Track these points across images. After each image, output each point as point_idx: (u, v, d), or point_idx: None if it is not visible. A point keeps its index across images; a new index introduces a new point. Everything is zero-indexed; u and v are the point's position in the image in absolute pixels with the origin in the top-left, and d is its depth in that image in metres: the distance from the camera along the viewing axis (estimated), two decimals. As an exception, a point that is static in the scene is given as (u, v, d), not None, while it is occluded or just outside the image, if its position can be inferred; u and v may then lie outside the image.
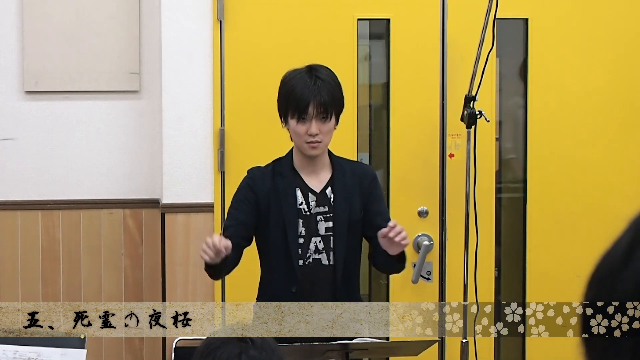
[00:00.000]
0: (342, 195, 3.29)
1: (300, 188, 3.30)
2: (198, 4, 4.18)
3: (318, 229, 3.28)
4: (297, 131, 3.23)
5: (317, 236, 3.28)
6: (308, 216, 3.27)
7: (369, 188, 3.33)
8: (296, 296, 3.21)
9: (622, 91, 4.32)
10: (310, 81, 3.21)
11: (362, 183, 3.33)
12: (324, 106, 3.20)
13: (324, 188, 3.31)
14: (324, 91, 3.21)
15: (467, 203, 3.86)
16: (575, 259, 4.23)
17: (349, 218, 3.29)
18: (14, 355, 2.63)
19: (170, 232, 4.21)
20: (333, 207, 3.29)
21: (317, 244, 3.28)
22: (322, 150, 3.28)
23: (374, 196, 3.34)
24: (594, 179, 4.31)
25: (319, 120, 3.21)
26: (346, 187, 3.30)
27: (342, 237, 3.28)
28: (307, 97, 3.19)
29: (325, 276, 3.27)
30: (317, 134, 3.21)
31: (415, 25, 4.24)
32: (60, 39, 4.30)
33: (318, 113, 3.20)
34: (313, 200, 3.29)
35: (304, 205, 3.28)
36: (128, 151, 4.36)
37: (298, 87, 3.22)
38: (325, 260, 3.28)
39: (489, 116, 3.94)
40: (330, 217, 3.29)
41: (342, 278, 3.27)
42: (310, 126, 3.20)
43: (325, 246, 3.28)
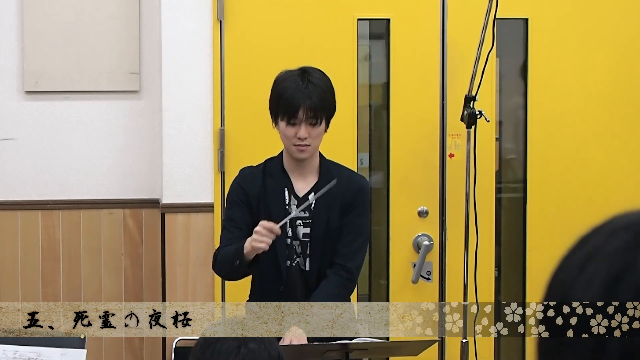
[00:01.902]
0: (323, 202, 3.25)
1: (288, 189, 3.29)
2: (198, 4, 4.18)
3: (297, 233, 3.27)
4: (286, 134, 3.22)
5: (296, 240, 3.28)
6: (292, 219, 3.26)
7: (352, 198, 3.28)
8: (283, 295, 3.21)
9: (622, 91, 4.32)
10: (302, 84, 3.19)
11: (345, 192, 3.27)
12: (314, 110, 3.18)
13: (307, 193, 3.29)
14: (314, 95, 3.18)
15: (467, 203, 3.86)
16: (575, 259, 4.23)
17: (326, 226, 3.26)
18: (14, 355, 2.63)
19: (170, 232, 4.21)
20: (312, 213, 3.27)
21: (296, 248, 3.28)
22: (310, 154, 3.26)
23: (354, 206, 3.28)
24: (594, 179, 4.31)
25: (308, 125, 3.19)
26: (328, 195, 3.23)
27: (319, 244, 3.26)
28: (297, 100, 3.18)
29: (304, 281, 3.28)
30: (305, 137, 3.20)
31: (415, 25, 4.24)
32: (60, 39, 4.30)
33: (308, 117, 3.18)
34: (294, 204, 3.28)
35: (289, 207, 3.28)
36: (128, 151, 4.36)
37: (289, 90, 3.20)
38: (302, 265, 3.28)
39: (489, 116, 3.94)
40: (308, 222, 3.27)
41: (315, 284, 3.26)
42: (299, 130, 3.19)
43: (303, 251, 3.28)
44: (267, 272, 3.29)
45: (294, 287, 3.27)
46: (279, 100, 3.22)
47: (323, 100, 3.21)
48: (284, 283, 3.26)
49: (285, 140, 3.25)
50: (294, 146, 3.22)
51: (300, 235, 3.27)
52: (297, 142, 3.21)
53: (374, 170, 4.32)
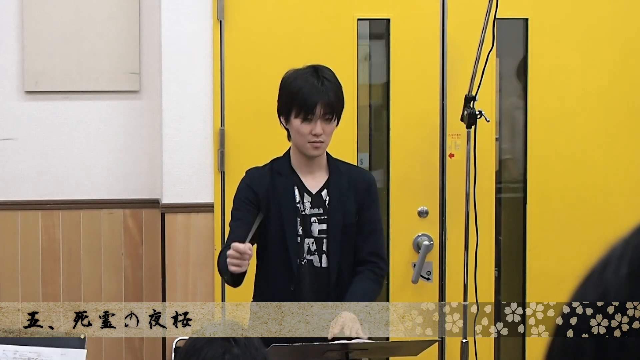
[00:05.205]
0: (337, 198, 3.29)
1: (298, 188, 3.30)
2: (198, 4, 4.18)
3: (312, 230, 3.28)
4: (301, 131, 3.22)
5: (310, 237, 3.28)
6: (304, 216, 3.28)
7: (364, 193, 3.32)
8: (294, 295, 3.22)
9: (622, 91, 4.32)
10: (317, 82, 3.21)
11: (357, 187, 3.32)
12: (331, 107, 3.21)
13: (319, 190, 3.31)
14: (331, 92, 3.22)
15: (467, 203, 3.86)
16: (575, 259, 4.23)
17: (343, 221, 3.28)
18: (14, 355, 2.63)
19: (170, 232, 4.21)
20: (327, 210, 3.29)
21: (309, 246, 3.28)
22: (323, 150, 3.28)
23: (368, 202, 3.33)
24: (593, 179, 4.31)
25: (323, 121, 3.21)
26: (341, 190, 3.29)
27: (336, 240, 3.27)
28: (314, 97, 3.19)
29: (318, 279, 3.28)
30: (321, 134, 3.21)
31: (415, 25, 4.24)
32: (60, 39, 4.30)
33: (324, 113, 3.21)
34: (308, 201, 3.29)
35: (300, 204, 3.29)
36: (128, 151, 4.36)
37: (305, 87, 3.21)
38: (317, 262, 3.28)
39: (489, 116, 3.95)
40: (324, 219, 3.28)
41: (335, 281, 3.27)
42: (315, 126, 3.21)
43: (318, 248, 3.28)
44: (278, 272, 3.28)
45: (305, 286, 3.27)
46: (293, 98, 3.22)
47: (338, 97, 3.24)
48: (297, 282, 3.26)
49: (299, 138, 3.25)
50: (308, 143, 3.23)
51: (315, 232, 3.27)
52: (312, 138, 3.22)
53: (374, 171, 4.32)
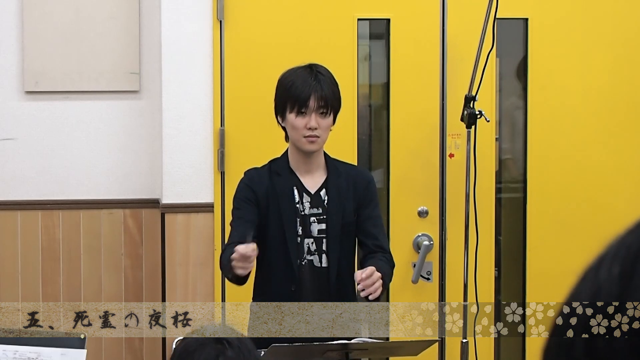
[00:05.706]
0: (336, 197, 3.29)
1: (297, 188, 3.30)
2: (198, 4, 4.18)
3: (311, 230, 3.28)
4: (296, 125, 3.22)
5: (310, 237, 3.28)
6: (303, 216, 3.28)
7: (363, 191, 3.33)
8: (295, 295, 3.22)
9: (622, 91, 4.32)
10: (310, 76, 3.23)
11: (356, 186, 3.32)
12: (325, 100, 3.21)
13: (318, 190, 3.31)
14: (324, 85, 3.22)
15: (467, 203, 3.86)
16: (575, 259, 4.23)
17: (342, 221, 3.29)
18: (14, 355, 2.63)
19: (170, 232, 4.21)
20: (327, 209, 3.29)
21: (309, 246, 3.28)
22: (319, 146, 3.27)
23: (367, 200, 3.33)
24: (593, 179, 4.31)
25: (318, 115, 3.21)
26: (340, 190, 3.29)
27: (335, 239, 3.27)
28: (308, 90, 3.20)
29: (319, 278, 3.28)
30: (316, 127, 3.21)
31: (415, 25, 4.24)
32: (60, 39, 4.30)
33: (318, 107, 3.20)
34: (307, 202, 3.29)
35: (300, 205, 3.29)
36: (128, 151, 4.36)
37: (299, 81, 3.22)
38: (317, 262, 3.28)
39: (489, 116, 3.95)
40: (323, 219, 3.28)
41: (335, 281, 3.27)
42: (309, 120, 3.20)
43: (318, 248, 3.28)
44: (278, 273, 3.28)
45: (305, 286, 3.27)
46: (287, 92, 3.23)
47: (332, 92, 3.24)
48: (297, 282, 3.26)
49: (294, 133, 3.24)
50: (304, 138, 3.22)
51: (314, 232, 3.27)
52: (307, 132, 3.21)
53: (374, 171, 4.32)
